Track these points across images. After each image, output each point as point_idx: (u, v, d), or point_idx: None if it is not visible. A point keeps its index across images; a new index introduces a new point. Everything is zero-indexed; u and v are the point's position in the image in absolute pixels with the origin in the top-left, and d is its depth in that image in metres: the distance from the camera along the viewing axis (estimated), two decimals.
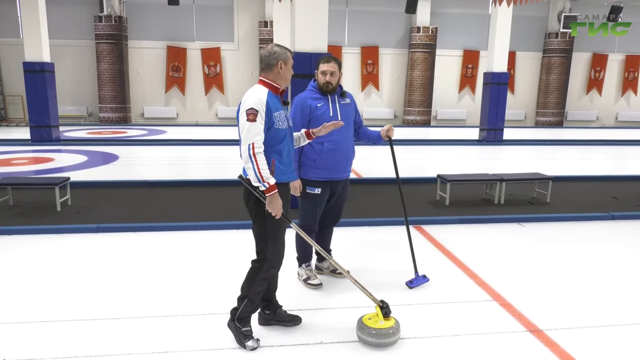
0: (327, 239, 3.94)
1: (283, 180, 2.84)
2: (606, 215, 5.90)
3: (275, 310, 3.12)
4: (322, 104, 3.54)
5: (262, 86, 2.83)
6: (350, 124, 3.65)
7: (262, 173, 2.66)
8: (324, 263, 3.98)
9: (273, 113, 2.75)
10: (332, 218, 3.83)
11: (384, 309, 2.90)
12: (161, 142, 12.95)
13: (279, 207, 2.73)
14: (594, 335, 3.07)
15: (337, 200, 3.75)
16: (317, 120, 3.50)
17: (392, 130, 3.68)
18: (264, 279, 2.88)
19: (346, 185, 3.76)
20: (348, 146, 3.62)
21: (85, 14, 17.34)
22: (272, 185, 2.69)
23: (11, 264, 4.18)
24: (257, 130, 2.67)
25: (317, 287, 3.69)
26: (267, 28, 17.56)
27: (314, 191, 3.58)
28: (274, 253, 2.87)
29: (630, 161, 11.53)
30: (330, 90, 3.55)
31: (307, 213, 3.66)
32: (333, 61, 3.54)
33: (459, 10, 19.22)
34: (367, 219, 5.51)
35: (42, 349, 2.80)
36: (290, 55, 2.89)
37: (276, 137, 2.78)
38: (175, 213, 5.81)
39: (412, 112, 19.14)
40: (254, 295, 2.88)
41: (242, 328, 2.87)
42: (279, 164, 2.81)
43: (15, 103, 17.76)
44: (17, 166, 8.88)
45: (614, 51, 20.51)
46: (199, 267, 4.12)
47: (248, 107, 2.69)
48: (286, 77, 2.87)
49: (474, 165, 10.32)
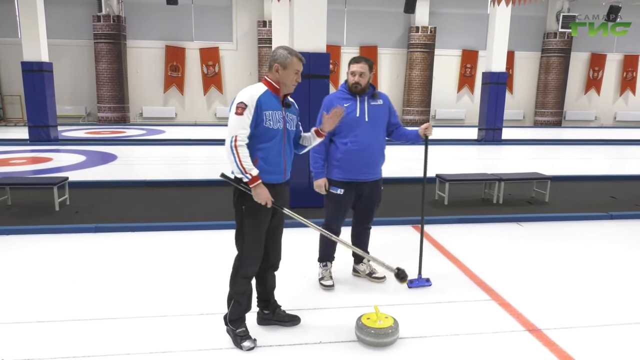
0: (361, 241, 3.89)
1: (267, 180, 2.79)
2: (605, 215, 5.91)
3: (274, 310, 3.12)
4: (350, 104, 3.50)
5: (263, 84, 2.83)
6: (378, 125, 3.57)
7: (244, 165, 2.67)
8: (361, 266, 3.93)
9: (264, 111, 2.73)
10: (362, 220, 3.81)
11: (400, 274, 3.09)
12: (160, 142, 12.95)
13: (265, 196, 2.72)
14: (593, 335, 3.07)
15: (365, 203, 3.69)
16: (342, 120, 3.44)
17: (430, 129, 3.57)
18: (244, 277, 2.88)
19: (375, 188, 3.68)
20: (374, 148, 3.55)
21: (83, 13, 17.32)
22: (255, 176, 2.68)
23: (9, 264, 4.17)
24: (243, 124, 2.68)
25: (328, 288, 3.67)
26: (266, 28, 17.56)
27: (336, 191, 3.57)
28: (251, 251, 2.85)
29: (629, 161, 11.54)
30: (359, 91, 3.51)
31: (329, 213, 3.67)
32: (363, 62, 3.50)
33: (457, 10, 19.23)
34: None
35: (40, 349, 2.79)
36: (295, 60, 2.80)
37: (264, 135, 2.76)
38: (174, 213, 5.81)
39: (411, 112, 19.14)
40: (238, 296, 2.88)
41: (237, 330, 2.88)
42: (263, 164, 2.78)
43: (14, 103, 17.73)
44: (15, 166, 8.86)
45: (613, 51, 20.54)
46: (198, 267, 4.12)
47: (239, 100, 2.71)
48: (284, 82, 2.82)
49: (472, 165, 10.33)
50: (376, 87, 3.68)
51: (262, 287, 3.09)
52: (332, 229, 3.70)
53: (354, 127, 3.49)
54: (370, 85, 3.58)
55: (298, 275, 3.92)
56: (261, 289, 3.09)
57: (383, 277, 3.84)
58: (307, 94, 5.74)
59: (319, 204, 5.83)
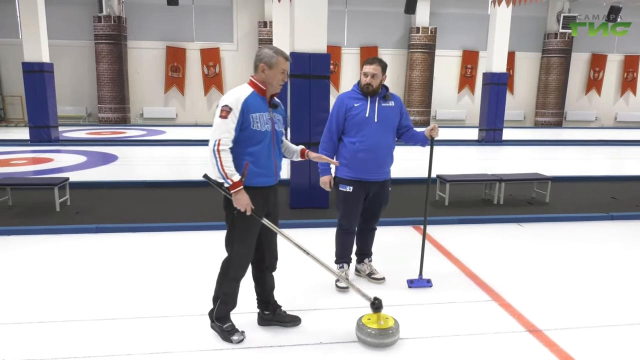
0: (365, 241, 3.91)
1: (259, 184, 2.79)
2: (605, 216, 5.91)
3: (275, 310, 3.12)
4: (360, 104, 3.52)
5: (249, 86, 2.80)
6: (387, 126, 3.57)
7: (226, 170, 2.64)
8: (363, 266, 3.94)
9: (251, 114, 2.70)
10: (369, 220, 3.81)
11: (374, 304, 2.89)
12: (160, 143, 12.95)
13: (245, 203, 2.69)
14: (593, 335, 3.07)
15: (372, 202, 3.69)
16: (352, 119, 3.51)
17: (437, 130, 3.57)
18: (234, 279, 2.88)
19: (383, 188, 3.68)
20: (382, 148, 3.55)
21: (84, 14, 17.34)
22: (237, 182, 2.66)
23: (10, 264, 4.18)
24: (227, 128, 2.65)
25: (343, 290, 3.66)
26: (267, 28, 17.57)
27: (345, 189, 3.58)
28: (242, 255, 2.85)
29: (629, 161, 11.54)
30: (371, 92, 3.52)
31: (342, 213, 3.68)
32: (376, 63, 3.51)
33: (458, 10, 19.23)
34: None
35: (41, 349, 2.80)
36: (280, 60, 2.76)
37: (252, 138, 2.73)
38: (174, 214, 5.81)
39: (412, 113, 19.12)
40: (226, 296, 2.90)
41: (223, 325, 2.91)
42: (254, 167, 2.75)
43: (15, 103, 17.75)
44: (16, 166, 8.87)
45: (613, 51, 20.53)
46: (198, 268, 4.11)
47: (224, 103, 2.68)
48: (271, 82, 2.78)
49: (473, 166, 10.33)
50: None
51: (262, 289, 3.08)
52: (346, 228, 3.72)
53: (363, 127, 3.50)
54: (383, 87, 3.59)
55: (298, 275, 3.92)
56: (260, 290, 3.09)
57: (382, 278, 3.84)
58: (307, 95, 5.74)
59: (320, 205, 5.85)
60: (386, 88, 3.62)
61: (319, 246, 4.51)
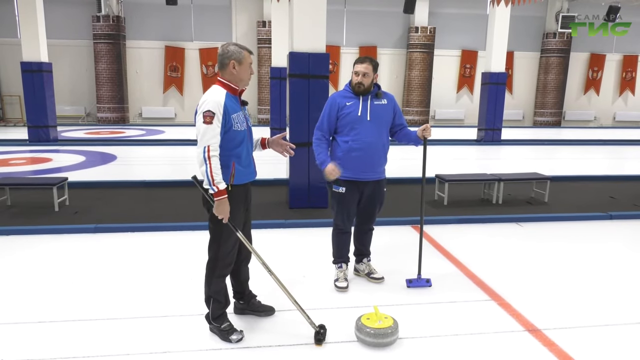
0: (363, 241, 3.90)
1: (243, 181, 2.86)
2: (604, 215, 5.91)
3: (249, 300, 3.22)
4: (352, 103, 3.52)
5: (220, 87, 2.79)
6: (380, 125, 3.56)
7: (214, 177, 2.67)
8: (361, 265, 3.94)
9: (231, 115, 2.73)
10: (364, 220, 3.81)
11: (319, 334, 2.88)
12: (159, 142, 12.93)
13: (226, 212, 2.73)
14: (592, 335, 3.08)
15: (367, 203, 3.68)
16: (344, 118, 3.51)
17: (429, 130, 3.56)
18: (220, 276, 2.93)
19: (378, 187, 3.67)
20: (375, 147, 3.54)
21: (83, 13, 17.31)
22: (222, 190, 2.69)
23: (9, 264, 4.17)
24: (214, 133, 2.66)
25: (342, 290, 3.66)
26: (266, 28, 17.56)
27: (339, 190, 3.58)
28: (227, 253, 2.90)
29: (628, 161, 11.56)
30: (362, 91, 3.52)
31: (336, 213, 3.68)
32: (367, 62, 3.50)
33: (457, 10, 19.24)
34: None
35: (40, 349, 2.79)
36: (246, 54, 2.82)
37: (235, 139, 2.77)
38: (173, 213, 5.80)
39: (411, 112, 19.14)
40: (216, 294, 2.92)
41: (221, 326, 2.93)
42: (239, 166, 2.82)
43: (13, 103, 17.72)
44: (14, 166, 8.86)
45: (612, 51, 20.55)
46: (198, 268, 4.10)
47: (205, 109, 2.67)
48: (242, 78, 2.82)
49: (472, 165, 10.34)
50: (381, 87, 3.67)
51: (236, 280, 3.17)
52: (341, 228, 3.71)
53: (355, 125, 3.50)
54: (375, 85, 3.58)
55: (297, 275, 3.92)
56: (235, 282, 3.18)
57: (381, 277, 3.84)
58: (306, 94, 5.75)
59: (318, 205, 5.85)
60: (378, 86, 3.62)
61: (319, 246, 4.54)
